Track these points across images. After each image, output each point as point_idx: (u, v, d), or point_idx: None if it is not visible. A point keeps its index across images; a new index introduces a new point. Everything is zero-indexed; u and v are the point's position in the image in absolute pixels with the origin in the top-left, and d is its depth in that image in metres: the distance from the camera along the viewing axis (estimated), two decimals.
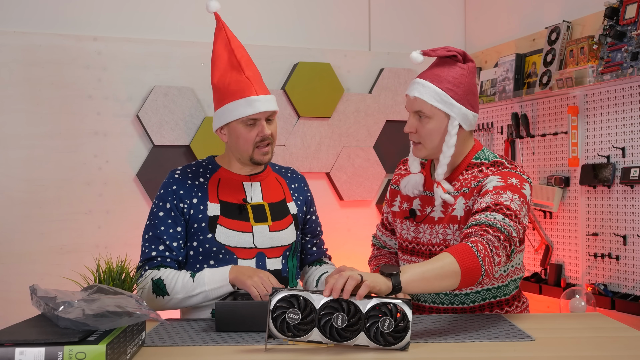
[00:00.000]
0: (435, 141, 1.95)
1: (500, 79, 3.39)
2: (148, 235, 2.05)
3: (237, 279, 1.93)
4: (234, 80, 2.04)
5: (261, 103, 2.03)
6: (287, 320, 1.51)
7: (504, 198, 1.82)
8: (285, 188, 2.19)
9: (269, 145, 2.07)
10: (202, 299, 1.96)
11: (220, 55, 2.08)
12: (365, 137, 3.72)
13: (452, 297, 1.99)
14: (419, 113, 1.94)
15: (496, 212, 1.79)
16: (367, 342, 1.53)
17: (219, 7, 2.10)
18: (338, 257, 2.58)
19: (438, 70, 1.95)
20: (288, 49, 3.62)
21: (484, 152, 2.02)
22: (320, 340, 1.53)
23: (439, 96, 1.91)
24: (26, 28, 3.20)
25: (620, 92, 2.76)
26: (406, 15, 3.89)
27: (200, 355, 1.53)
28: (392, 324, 1.52)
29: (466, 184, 1.96)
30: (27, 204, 3.14)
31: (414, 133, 1.97)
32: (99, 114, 3.28)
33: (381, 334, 1.52)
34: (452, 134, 1.92)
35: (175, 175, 2.10)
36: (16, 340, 1.31)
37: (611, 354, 1.54)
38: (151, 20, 3.43)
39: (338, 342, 1.52)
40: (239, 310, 1.74)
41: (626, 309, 2.64)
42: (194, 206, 2.05)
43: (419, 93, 1.93)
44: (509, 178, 1.88)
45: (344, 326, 1.52)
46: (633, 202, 2.69)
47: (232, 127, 2.06)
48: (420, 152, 1.99)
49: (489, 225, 1.75)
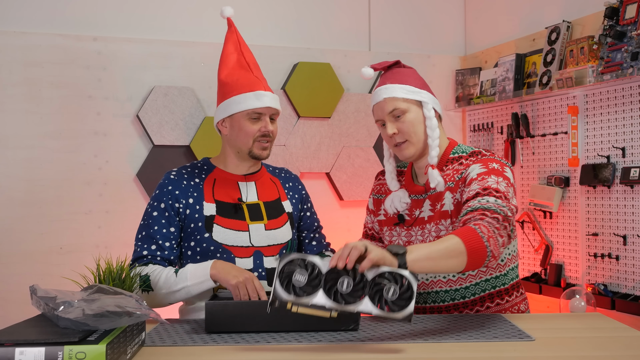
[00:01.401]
0: (419, 132, 2.00)
1: (500, 79, 3.39)
2: (141, 234, 2.06)
3: (221, 277, 1.90)
4: (243, 76, 2.11)
5: (269, 99, 2.09)
6: (292, 283, 1.55)
7: (490, 182, 1.86)
8: (280, 187, 2.22)
9: (269, 142, 2.10)
10: (184, 294, 1.95)
11: (230, 55, 2.14)
12: (365, 137, 3.72)
13: (453, 293, 2.00)
14: (393, 112, 2.00)
15: (487, 195, 1.82)
16: (371, 309, 1.54)
17: (232, 13, 2.20)
18: None
19: (390, 74, 2.06)
20: (288, 49, 3.62)
21: (460, 147, 2.07)
22: (323, 304, 1.54)
23: (404, 89, 2.00)
24: (26, 28, 3.20)
25: (620, 92, 2.76)
26: (406, 15, 3.89)
27: (200, 355, 1.53)
28: (396, 292, 1.54)
29: (450, 178, 1.99)
30: (27, 204, 3.14)
31: (396, 134, 2.01)
32: (99, 114, 3.28)
33: (385, 301, 1.54)
34: (431, 117, 2.00)
35: (170, 177, 2.11)
36: (16, 340, 1.31)
37: (611, 354, 1.54)
38: (151, 20, 3.43)
39: (341, 306, 1.54)
40: (229, 310, 1.72)
41: (626, 309, 2.64)
42: (190, 206, 2.06)
43: (387, 94, 2.01)
44: (490, 163, 1.93)
45: (349, 291, 1.54)
46: (633, 202, 2.69)
47: (236, 119, 2.09)
48: (408, 150, 2.02)
49: (485, 209, 1.77)
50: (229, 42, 2.16)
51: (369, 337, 1.66)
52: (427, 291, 2.04)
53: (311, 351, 1.54)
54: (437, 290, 2.02)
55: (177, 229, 2.05)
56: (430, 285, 2.03)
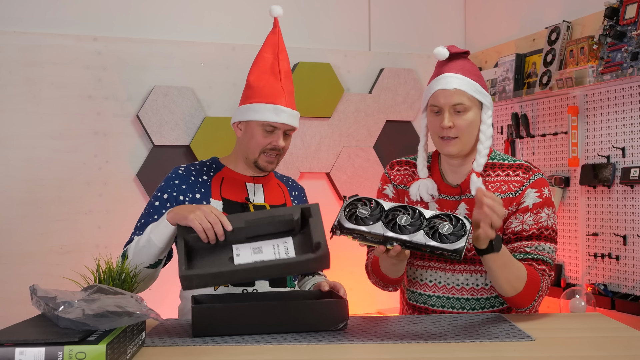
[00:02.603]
0: (472, 134, 1.94)
1: (500, 79, 3.39)
2: (139, 222, 2.06)
3: (178, 215, 1.81)
4: (270, 85, 2.08)
5: (287, 115, 2.06)
6: (356, 213, 1.68)
7: (543, 218, 1.91)
8: (287, 194, 2.21)
9: (277, 156, 2.09)
10: (149, 248, 1.87)
11: (265, 58, 2.12)
12: (365, 137, 3.72)
13: (464, 302, 1.97)
14: (456, 106, 1.90)
15: (542, 240, 1.90)
16: (424, 239, 1.63)
17: (281, 14, 2.16)
18: (338, 257, 2.57)
19: (460, 64, 1.95)
20: (288, 49, 3.57)
21: (496, 153, 2.02)
22: (382, 232, 1.64)
23: (474, 86, 1.92)
24: (26, 28, 3.20)
25: (620, 92, 2.76)
26: (406, 15, 3.89)
27: (200, 355, 1.53)
28: (450, 229, 1.65)
29: (495, 188, 1.94)
30: (27, 204, 3.14)
31: (452, 128, 1.91)
32: (99, 114, 3.28)
33: (438, 235, 1.64)
34: (489, 124, 1.95)
35: (179, 171, 2.11)
36: (16, 340, 1.31)
37: (611, 354, 1.54)
38: (151, 21, 3.43)
39: (398, 235, 1.64)
40: (217, 314, 1.68)
41: (626, 309, 2.64)
42: (197, 201, 2.05)
43: (458, 85, 1.90)
44: (543, 190, 1.93)
45: (407, 224, 1.66)
46: (633, 202, 2.69)
47: (251, 126, 2.08)
48: (455, 147, 1.93)
49: (543, 262, 1.89)
50: (268, 44, 2.14)
51: (368, 337, 1.66)
52: (447, 296, 2.00)
53: (311, 351, 1.54)
54: (457, 297, 1.98)
55: None
56: (451, 291, 1.99)
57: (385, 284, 2.04)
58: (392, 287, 2.07)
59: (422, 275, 2.01)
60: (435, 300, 1.99)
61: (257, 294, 1.89)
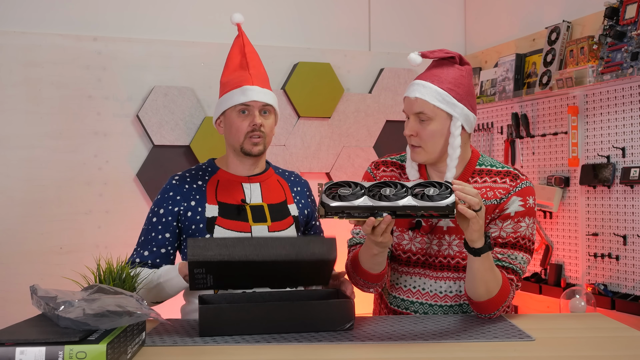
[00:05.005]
0: (437, 144, 1.90)
1: (500, 79, 3.39)
2: (141, 239, 2.09)
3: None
4: (237, 76, 2.11)
5: (255, 92, 2.07)
6: (338, 193, 1.68)
7: (522, 227, 1.90)
8: (287, 190, 2.19)
9: (260, 137, 2.08)
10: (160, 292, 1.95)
11: (234, 58, 2.16)
12: (365, 137, 3.72)
13: (447, 309, 1.96)
14: (419, 115, 1.89)
15: (517, 250, 1.89)
16: (413, 202, 1.63)
17: (242, 20, 2.21)
18: (339, 258, 2.57)
19: (437, 71, 1.91)
20: (288, 49, 3.62)
21: (484, 158, 1.99)
22: (370, 204, 1.64)
23: (440, 96, 1.87)
24: (26, 28, 3.20)
25: (620, 92, 2.76)
26: (406, 15, 3.90)
27: (200, 355, 1.53)
28: (436, 190, 1.66)
29: (481, 195, 1.88)
30: (27, 204, 3.14)
31: (414, 136, 1.90)
32: (99, 114, 3.28)
33: (426, 197, 1.65)
34: (456, 135, 1.88)
35: (173, 182, 2.12)
36: (17, 339, 1.31)
37: (611, 354, 1.54)
38: (151, 21, 3.43)
39: (385, 204, 1.64)
40: (224, 314, 1.69)
41: (626, 309, 2.64)
42: (192, 208, 2.06)
43: (420, 94, 1.88)
44: (528, 199, 1.91)
45: (391, 195, 1.66)
46: (633, 202, 2.69)
47: (227, 116, 2.10)
48: (420, 156, 1.92)
49: (513, 271, 1.88)
50: (235, 47, 2.17)
51: (369, 337, 1.66)
52: (420, 301, 2.00)
53: (311, 351, 1.54)
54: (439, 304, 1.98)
55: (173, 234, 2.06)
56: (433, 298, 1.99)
57: (366, 281, 1.95)
58: (373, 287, 1.98)
59: (406, 282, 2.00)
60: (418, 306, 1.98)
61: (262, 294, 1.89)
